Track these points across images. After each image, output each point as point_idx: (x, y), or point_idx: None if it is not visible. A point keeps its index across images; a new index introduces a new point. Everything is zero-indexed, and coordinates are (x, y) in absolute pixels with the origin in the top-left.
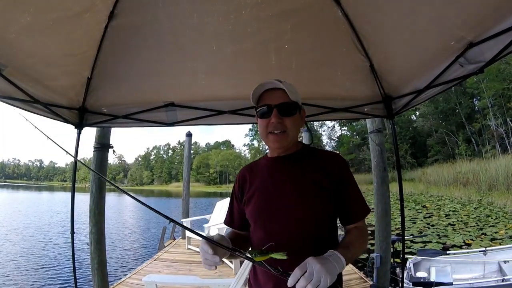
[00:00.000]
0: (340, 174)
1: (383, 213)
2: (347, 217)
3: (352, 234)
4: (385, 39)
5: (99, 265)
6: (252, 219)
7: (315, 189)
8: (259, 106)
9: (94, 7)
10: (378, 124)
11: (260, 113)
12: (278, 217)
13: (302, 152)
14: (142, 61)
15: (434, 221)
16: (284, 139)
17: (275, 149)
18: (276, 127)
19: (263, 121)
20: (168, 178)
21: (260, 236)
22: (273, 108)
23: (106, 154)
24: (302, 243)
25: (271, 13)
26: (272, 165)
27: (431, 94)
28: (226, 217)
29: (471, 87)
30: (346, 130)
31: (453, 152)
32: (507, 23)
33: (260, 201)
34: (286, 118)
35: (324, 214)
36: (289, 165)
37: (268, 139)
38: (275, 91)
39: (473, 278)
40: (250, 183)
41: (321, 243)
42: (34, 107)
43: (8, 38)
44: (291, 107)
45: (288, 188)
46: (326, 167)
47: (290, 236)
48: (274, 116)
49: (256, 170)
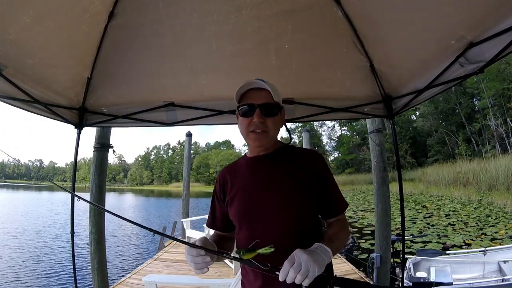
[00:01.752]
0: (320, 170)
1: (383, 213)
2: (329, 212)
3: (334, 226)
4: (385, 39)
5: (99, 265)
6: (236, 220)
7: (297, 186)
8: (241, 104)
9: (94, 8)
10: (378, 124)
11: (242, 111)
12: (263, 216)
13: (281, 151)
14: (142, 61)
15: (434, 221)
16: (264, 137)
17: (256, 147)
18: (258, 126)
19: (245, 119)
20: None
21: (246, 236)
22: (256, 107)
23: (106, 154)
24: (288, 240)
25: (271, 13)
26: (252, 165)
27: (431, 94)
28: (208, 219)
29: (471, 87)
30: (346, 130)
31: (453, 152)
32: (507, 23)
33: (243, 201)
34: (268, 118)
35: (307, 210)
36: (270, 163)
37: (249, 137)
38: (259, 91)
39: (473, 278)
40: (232, 184)
41: (307, 238)
42: (34, 107)
43: (8, 38)
44: (274, 107)
45: (270, 186)
46: (307, 164)
47: (276, 235)
48: (257, 115)
49: (236, 171)
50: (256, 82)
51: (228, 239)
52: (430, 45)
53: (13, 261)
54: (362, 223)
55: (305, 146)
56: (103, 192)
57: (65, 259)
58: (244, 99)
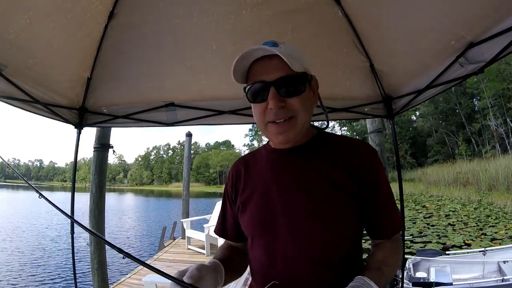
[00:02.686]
0: (370, 173)
1: None
2: (378, 232)
3: (384, 249)
4: (385, 39)
5: (99, 265)
6: (248, 233)
7: (338, 195)
8: (248, 84)
9: (94, 8)
10: (378, 124)
11: (251, 95)
12: (285, 234)
13: (317, 141)
14: (142, 61)
15: (434, 221)
16: (291, 129)
17: (281, 144)
18: (278, 114)
19: (258, 106)
20: (168, 178)
21: (261, 259)
22: (269, 86)
23: (106, 154)
24: (320, 272)
25: (271, 13)
26: (276, 160)
27: (431, 94)
28: (217, 225)
29: (471, 87)
30: (346, 130)
31: (453, 152)
32: (507, 23)
33: (259, 208)
34: (290, 99)
35: (350, 230)
36: (300, 160)
37: (267, 130)
38: (269, 60)
39: (472, 278)
40: (246, 182)
41: (346, 268)
42: (34, 107)
43: (8, 38)
44: (296, 81)
45: (299, 193)
46: (354, 163)
47: (302, 262)
48: (272, 98)
49: (253, 165)
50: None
51: (241, 252)
52: (430, 45)
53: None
54: None
55: None
56: (103, 192)
57: (65, 259)
58: (251, 77)
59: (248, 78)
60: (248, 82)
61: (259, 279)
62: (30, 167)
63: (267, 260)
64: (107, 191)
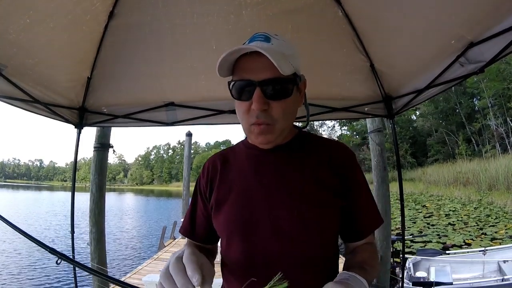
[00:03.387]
0: (349, 172)
1: (383, 213)
2: (358, 231)
3: (364, 251)
4: (385, 39)
5: (99, 265)
6: (224, 233)
7: (321, 194)
8: (233, 80)
9: (94, 9)
10: (378, 124)
11: (235, 92)
12: (266, 234)
13: (298, 141)
14: (142, 61)
15: (434, 221)
16: (270, 132)
17: (260, 145)
18: (259, 116)
19: (241, 104)
20: (168, 178)
21: (239, 260)
22: (255, 86)
23: (106, 154)
24: (302, 272)
25: (271, 13)
26: (256, 157)
27: (431, 94)
28: (184, 224)
29: (471, 87)
30: (346, 130)
31: (453, 152)
32: (507, 23)
33: (237, 208)
34: (274, 102)
35: (331, 229)
36: (281, 159)
37: (250, 131)
38: (259, 57)
39: (472, 278)
40: (222, 179)
41: (326, 268)
42: (34, 107)
43: (8, 38)
44: (284, 84)
45: (281, 193)
46: (332, 160)
47: (285, 262)
48: (257, 100)
49: (232, 161)
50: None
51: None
52: (430, 45)
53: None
54: None
55: None
56: (103, 192)
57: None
58: (237, 72)
59: (234, 72)
60: (234, 76)
61: (236, 281)
62: (30, 167)
63: (246, 261)
64: (107, 191)
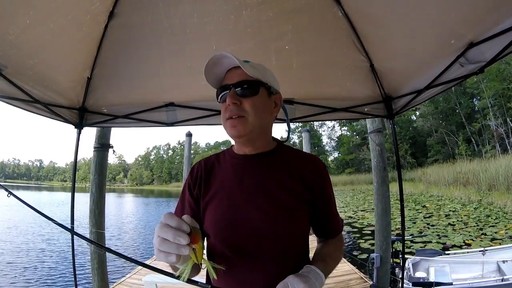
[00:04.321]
0: (321, 184)
1: (383, 213)
2: (326, 233)
3: (330, 244)
4: (385, 39)
5: (99, 265)
6: (210, 231)
7: (292, 201)
8: (218, 89)
9: (95, 9)
10: (378, 124)
11: (220, 97)
12: (245, 232)
13: (277, 153)
14: (142, 61)
15: (434, 221)
16: (241, 124)
17: (233, 137)
18: (232, 110)
19: (223, 105)
20: (168, 178)
21: (223, 254)
22: (230, 87)
23: (106, 154)
24: (277, 265)
25: (271, 13)
26: (239, 164)
27: (431, 94)
28: None
29: (471, 87)
30: (346, 130)
31: (453, 152)
32: (507, 23)
33: (221, 209)
34: (244, 99)
35: (301, 230)
36: (261, 167)
37: (226, 126)
38: (235, 70)
39: (472, 278)
40: (209, 183)
41: (297, 262)
42: (34, 107)
43: (8, 39)
44: (251, 85)
45: (260, 196)
46: (306, 173)
47: (260, 255)
48: (229, 96)
49: (217, 167)
50: (226, 56)
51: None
52: (430, 45)
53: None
54: (362, 223)
55: (305, 146)
56: (103, 192)
57: (65, 259)
58: (223, 82)
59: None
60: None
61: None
62: (30, 167)
63: (230, 255)
64: (107, 191)
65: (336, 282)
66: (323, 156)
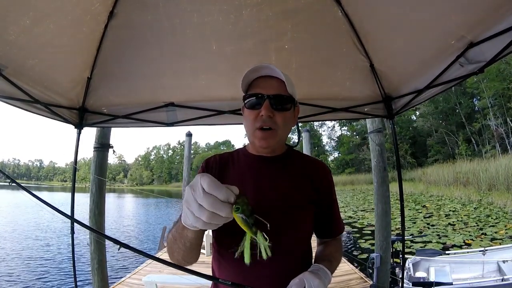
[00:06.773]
0: (327, 187)
1: (383, 213)
2: (328, 233)
3: (331, 246)
4: (385, 39)
5: (99, 265)
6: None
7: (301, 200)
8: (248, 94)
9: (95, 9)
10: (378, 124)
11: (249, 103)
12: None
13: (288, 155)
14: (142, 61)
15: (434, 221)
16: (272, 137)
17: (260, 148)
18: (266, 121)
19: (252, 112)
20: (168, 178)
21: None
22: (265, 98)
23: (106, 154)
24: (287, 260)
25: (271, 12)
26: (254, 165)
27: (431, 94)
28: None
29: (471, 87)
30: (346, 130)
31: (453, 152)
32: (507, 23)
33: None
34: (278, 113)
35: (308, 228)
36: (275, 169)
37: (254, 135)
38: (271, 79)
39: (472, 278)
40: (222, 178)
41: (303, 258)
42: (34, 107)
43: (8, 39)
44: (287, 101)
45: (274, 194)
46: (313, 177)
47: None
48: (265, 108)
49: (231, 164)
50: (268, 67)
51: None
52: (430, 45)
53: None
54: (362, 223)
55: (305, 146)
56: (103, 192)
57: (65, 259)
58: (252, 88)
59: (250, 88)
60: (249, 91)
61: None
62: (30, 167)
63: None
64: (107, 191)
65: (336, 282)
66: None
